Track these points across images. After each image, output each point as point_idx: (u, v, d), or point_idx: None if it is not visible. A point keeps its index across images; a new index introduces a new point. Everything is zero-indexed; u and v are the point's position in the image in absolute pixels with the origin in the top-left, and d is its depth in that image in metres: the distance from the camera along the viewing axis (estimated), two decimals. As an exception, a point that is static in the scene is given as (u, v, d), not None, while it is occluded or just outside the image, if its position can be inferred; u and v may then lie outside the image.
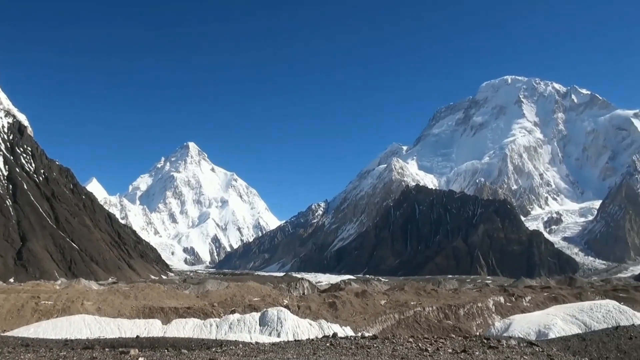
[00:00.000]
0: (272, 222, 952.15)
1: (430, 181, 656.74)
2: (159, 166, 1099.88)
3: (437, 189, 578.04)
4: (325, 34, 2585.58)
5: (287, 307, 67.53)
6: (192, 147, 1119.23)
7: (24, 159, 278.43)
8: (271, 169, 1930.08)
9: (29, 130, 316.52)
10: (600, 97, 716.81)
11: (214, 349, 25.69)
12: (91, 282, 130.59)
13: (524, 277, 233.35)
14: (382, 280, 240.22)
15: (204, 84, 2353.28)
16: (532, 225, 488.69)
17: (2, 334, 42.32)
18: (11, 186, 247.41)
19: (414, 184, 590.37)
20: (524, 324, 46.85)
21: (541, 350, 25.00)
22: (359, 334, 36.59)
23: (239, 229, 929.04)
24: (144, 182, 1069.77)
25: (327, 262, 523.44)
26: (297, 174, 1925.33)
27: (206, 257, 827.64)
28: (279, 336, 48.19)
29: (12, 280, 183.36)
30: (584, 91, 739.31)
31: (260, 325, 52.18)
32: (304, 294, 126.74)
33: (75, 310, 60.30)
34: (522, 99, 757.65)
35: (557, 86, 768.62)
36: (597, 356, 30.53)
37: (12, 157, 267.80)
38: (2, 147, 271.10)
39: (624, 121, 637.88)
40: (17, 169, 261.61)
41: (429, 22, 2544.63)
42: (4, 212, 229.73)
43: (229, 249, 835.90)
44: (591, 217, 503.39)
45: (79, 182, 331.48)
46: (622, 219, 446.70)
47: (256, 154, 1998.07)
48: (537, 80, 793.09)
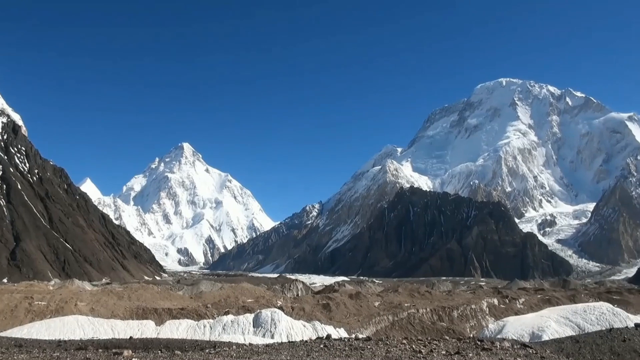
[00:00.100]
0: (266, 223, 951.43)
1: (424, 183, 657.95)
2: (153, 167, 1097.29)
3: (432, 190, 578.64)
4: (319, 36, 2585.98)
5: (281, 308, 67.44)
6: (187, 147, 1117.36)
7: (18, 159, 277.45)
8: (266, 170, 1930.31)
9: (23, 129, 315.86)
10: (594, 100, 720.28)
11: (207, 350, 25.66)
12: (85, 282, 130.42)
13: (518, 279, 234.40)
14: (376, 281, 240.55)
15: (199, 85, 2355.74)
16: (526, 227, 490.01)
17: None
18: (5, 186, 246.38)
19: (408, 185, 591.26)
20: (518, 326, 46.85)
21: (535, 352, 25.04)
22: (353, 336, 36.57)
23: (233, 230, 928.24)
24: (138, 183, 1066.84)
25: (321, 263, 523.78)
26: (292, 175, 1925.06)
27: (200, 258, 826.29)
28: (272, 337, 48.11)
29: (5, 280, 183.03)
30: (579, 94, 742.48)
31: (254, 326, 52.06)
32: (298, 295, 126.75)
33: (68, 310, 60.07)
34: (516, 102, 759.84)
35: (551, 89, 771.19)
36: (591, 358, 30.58)
37: (6, 157, 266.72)
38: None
39: (618, 124, 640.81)
40: (11, 169, 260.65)
41: (423, 24, 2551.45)
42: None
43: (223, 250, 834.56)
44: (585, 220, 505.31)
45: (73, 182, 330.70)
46: (616, 222, 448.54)
47: (251, 155, 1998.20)
48: (532, 82, 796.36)
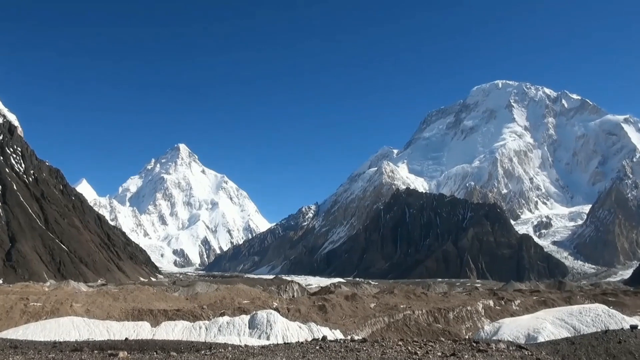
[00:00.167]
0: (262, 224, 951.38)
1: (420, 184, 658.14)
2: (149, 168, 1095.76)
3: (428, 192, 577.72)
4: (316, 37, 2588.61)
5: (276, 309, 67.37)
6: (183, 148, 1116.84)
7: (14, 160, 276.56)
8: (262, 171, 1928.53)
9: (19, 130, 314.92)
10: (590, 102, 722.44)
11: (203, 352, 25.63)
12: (80, 283, 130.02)
13: (514, 280, 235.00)
14: (372, 283, 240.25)
15: (195, 86, 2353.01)
16: (521, 229, 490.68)
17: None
18: (0, 187, 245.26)
19: (404, 187, 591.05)
20: (513, 328, 46.86)
21: (530, 353, 25.04)
22: (349, 337, 36.52)
23: (229, 231, 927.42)
24: (134, 184, 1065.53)
25: (317, 265, 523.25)
26: (288, 177, 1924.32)
27: (196, 259, 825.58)
28: (268, 339, 48.06)
29: (0, 281, 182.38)
30: (575, 96, 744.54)
31: (249, 328, 52.00)
32: (293, 296, 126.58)
33: (64, 312, 59.91)
34: (512, 104, 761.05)
35: (547, 91, 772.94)
36: (586, 360, 30.60)
37: (1, 158, 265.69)
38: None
39: (614, 126, 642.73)
40: (7, 170, 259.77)
41: (420, 26, 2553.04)
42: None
43: (218, 251, 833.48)
44: (581, 222, 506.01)
45: (68, 183, 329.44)
46: (612, 224, 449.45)
47: (247, 157, 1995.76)
48: (528, 84, 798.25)
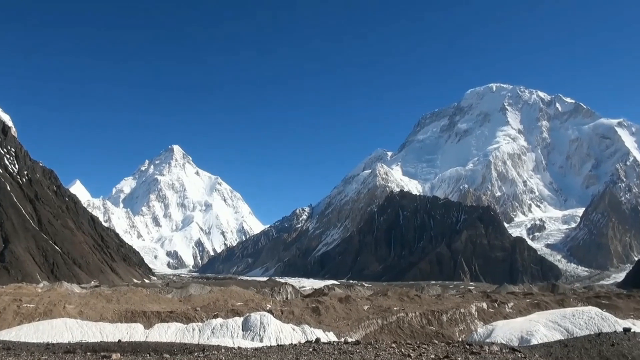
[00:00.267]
0: (256, 226, 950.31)
1: (414, 187, 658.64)
2: (143, 169, 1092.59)
3: (421, 195, 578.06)
4: (309, 40, 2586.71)
5: (270, 311, 67.33)
6: (177, 150, 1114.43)
7: (7, 160, 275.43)
8: (256, 173, 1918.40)
9: (13, 130, 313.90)
10: (584, 106, 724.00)
11: (196, 354, 25.64)
12: (73, 285, 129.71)
13: (507, 283, 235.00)
14: (366, 285, 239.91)
15: (190, 87, 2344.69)
16: (515, 232, 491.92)
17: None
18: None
19: (398, 189, 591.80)
20: (507, 330, 46.92)
21: (523, 356, 25.11)
22: (342, 339, 36.54)
23: (223, 233, 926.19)
24: (127, 185, 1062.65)
25: (311, 267, 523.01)
26: (282, 179, 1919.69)
27: (189, 261, 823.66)
28: (261, 341, 48.02)
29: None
30: (569, 100, 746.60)
31: (243, 330, 51.97)
32: (287, 298, 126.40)
33: (57, 313, 59.74)
34: (506, 107, 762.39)
35: (541, 94, 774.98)
36: (579, 363, 30.68)
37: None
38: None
39: (607, 130, 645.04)
40: (0, 170, 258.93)
41: (414, 29, 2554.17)
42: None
43: (212, 253, 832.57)
44: (574, 225, 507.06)
45: (62, 184, 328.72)
46: (605, 227, 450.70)
47: (241, 158, 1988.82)
48: (522, 88, 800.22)
